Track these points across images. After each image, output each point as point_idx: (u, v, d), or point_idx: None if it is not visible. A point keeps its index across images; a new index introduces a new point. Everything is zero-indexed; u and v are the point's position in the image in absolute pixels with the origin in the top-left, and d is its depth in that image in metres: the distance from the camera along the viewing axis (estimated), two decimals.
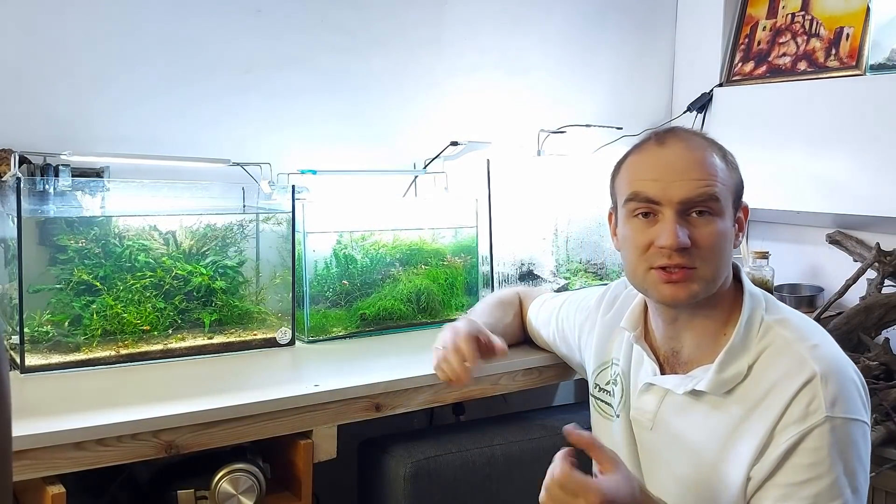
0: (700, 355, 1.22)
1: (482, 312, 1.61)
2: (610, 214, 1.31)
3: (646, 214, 1.19)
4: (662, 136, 1.21)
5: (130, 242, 1.62)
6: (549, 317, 1.59)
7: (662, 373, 1.26)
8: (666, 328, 1.26)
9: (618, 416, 1.33)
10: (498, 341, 1.42)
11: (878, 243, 2.15)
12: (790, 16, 2.43)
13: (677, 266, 1.16)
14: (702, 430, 1.19)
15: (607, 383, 1.38)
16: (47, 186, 1.59)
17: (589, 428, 1.46)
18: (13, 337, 1.51)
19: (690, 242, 1.15)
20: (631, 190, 1.20)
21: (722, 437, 1.17)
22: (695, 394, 1.20)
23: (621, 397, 1.32)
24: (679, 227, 1.15)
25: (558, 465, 1.06)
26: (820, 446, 1.09)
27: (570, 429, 1.09)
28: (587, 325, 1.46)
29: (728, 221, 1.19)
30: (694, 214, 1.16)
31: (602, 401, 1.39)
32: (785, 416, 1.11)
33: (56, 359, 1.52)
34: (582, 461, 1.09)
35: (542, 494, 1.07)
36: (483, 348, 1.41)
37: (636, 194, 1.19)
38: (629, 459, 1.30)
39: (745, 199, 1.26)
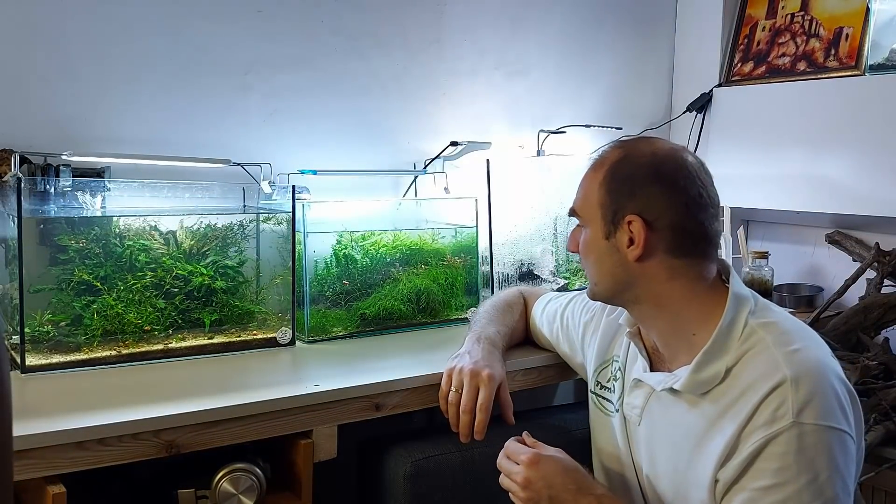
0: (678, 354, 1.24)
1: (495, 320, 1.63)
2: None
3: None
4: None
5: (131, 242, 1.63)
6: (555, 315, 1.61)
7: (652, 369, 1.29)
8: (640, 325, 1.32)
9: (617, 412, 1.35)
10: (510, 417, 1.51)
11: (877, 243, 2.16)
12: (789, 16, 2.44)
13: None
14: (679, 428, 1.21)
15: (608, 380, 1.40)
16: (48, 186, 1.59)
17: (587, 427, 1.47)
18: (14, 337, 1.51)
19: (574, 249, 1.32)
20: None
21: (696, 436, 1.18)
22: (674, 392, 1.22)
23: (620, 393, 1.35)
24: (571, 235, 1.33)
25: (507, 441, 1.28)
26: (786, 452, 1.07)
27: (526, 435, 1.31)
28: (592, 324, 1.49)
29: (593, 232, 1.26)
30: None
31: (603, 398, 1.41)
32: (752, 420, 1.10)
33: (57, 359, 1.52)
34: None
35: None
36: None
37: None
38: (625, 454, 1.32)
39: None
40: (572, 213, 1.31)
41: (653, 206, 1.20)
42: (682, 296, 1.22)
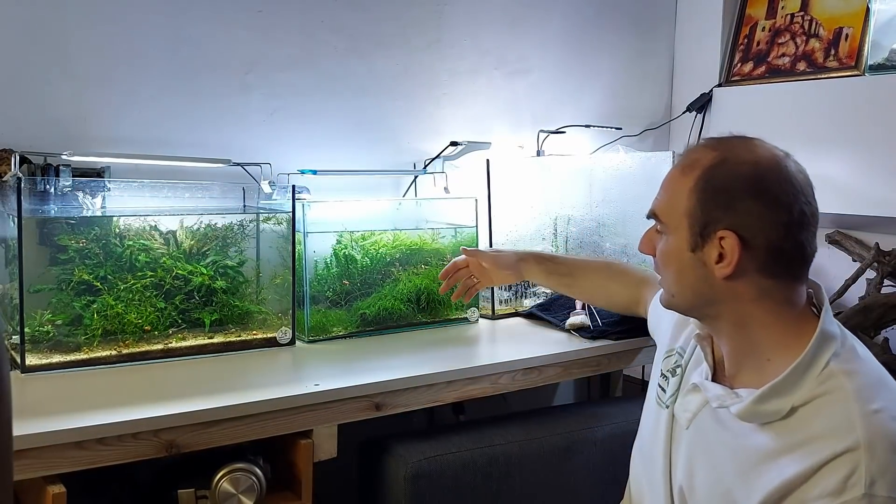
0: (744, 372, 1.18)
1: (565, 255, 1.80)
2: None
3: None
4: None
5: (131, 242, 1.63)
6: None
7: (714, 377, 1.23)
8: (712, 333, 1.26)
9: (667, 407, 1.30)
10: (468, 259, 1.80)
11: (877, 243, 2.16)
12: (789, 16, 2.44)
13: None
14: (728, 449, 1.15)
15: (668, 370, 1.35)
16: (48, 186, 1.59)
17: (586, 427, 1.45)
18: (14, 337, 1.51)
19: (650, 252, 1.24)
20: None
21: (744, 463, 1.12)
22: (730, 412, 1.16)
23: (675, 389, 1.30)
24: (646, 236, 1.24)
25: None
26: None
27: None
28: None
29: (677, 241, 1.17)
30: None
31: (661, 387, 1.35)
32: (815, 478, 1.03)
33: (57, 358, 1.52)
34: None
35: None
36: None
37: None
38: (664, 452, 1.27)
39: None
40: (652, 215, 1.21)
41: (749, 223, 1.10)
42: (765, 318, 1.15)
